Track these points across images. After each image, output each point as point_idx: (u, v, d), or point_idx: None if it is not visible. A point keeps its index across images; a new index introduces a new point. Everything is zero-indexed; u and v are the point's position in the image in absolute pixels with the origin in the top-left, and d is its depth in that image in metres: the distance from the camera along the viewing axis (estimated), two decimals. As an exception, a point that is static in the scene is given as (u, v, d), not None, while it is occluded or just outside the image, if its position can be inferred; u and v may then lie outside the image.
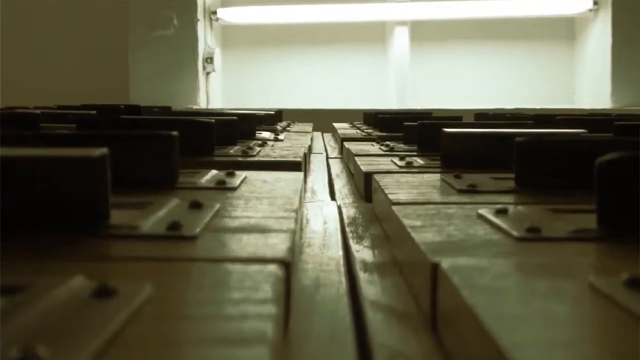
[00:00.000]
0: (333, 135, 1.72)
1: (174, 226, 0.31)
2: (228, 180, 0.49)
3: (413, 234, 0.32)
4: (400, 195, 0.45)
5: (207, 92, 2.77)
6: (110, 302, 0.19)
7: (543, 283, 0.23)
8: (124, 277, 0.23)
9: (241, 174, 0.52)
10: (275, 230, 0.32)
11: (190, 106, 2.62)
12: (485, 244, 0.30)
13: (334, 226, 0.47)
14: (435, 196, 0.45)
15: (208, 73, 2.75)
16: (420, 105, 2.60)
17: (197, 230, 0.31)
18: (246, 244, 0.29)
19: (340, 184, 0.75)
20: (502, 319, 0.19)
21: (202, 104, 2.71)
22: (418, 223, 0.35)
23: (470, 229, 0.33)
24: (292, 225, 0.34)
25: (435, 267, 0.26)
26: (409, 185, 0.50)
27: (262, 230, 0.32)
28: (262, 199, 0.42)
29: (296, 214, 0.37)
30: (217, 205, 0.37)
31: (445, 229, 0.33)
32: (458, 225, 0.34)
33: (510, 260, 0.27)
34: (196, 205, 0.36)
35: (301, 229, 0.45)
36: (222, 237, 0.30)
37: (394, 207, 0.40)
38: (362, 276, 0.34)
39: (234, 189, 0.46)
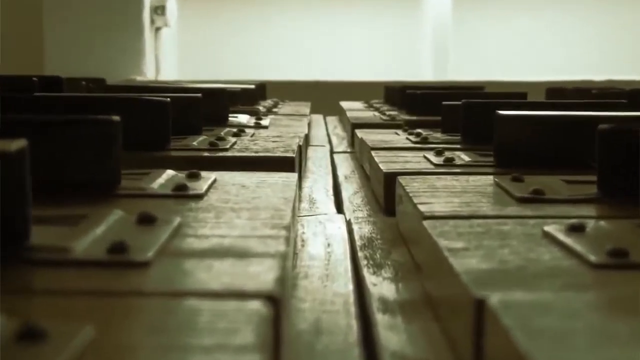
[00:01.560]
0: (340, 120, 1.74)
1: (118, 248, 0.32)
2: (191, 184, 0.51)
3: (452, 260, 0.34)
4: (436, 205, 0.47)
5: (156, 58, 2.78)
6: (39, 348, 0.21)
7: (627, 326, 0.24)
8: (55, 316, 0.25)
9: (209, 176, 0.54)
10: (258, 255, 0.34)
11: (132, 77, 2.63)
12: (551, 273, 0.32)
13: (341, 250, 0.49)
14: (485, 207, 0.47)
15: (158, 29, 2.75)
16: (466, 77, 2.61)
17: (150, 254, 0.32)
18: (218, 273, 0.31)
19: (351, 190, 0.76)
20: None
21: (149, 74, 2.72)
22: (459, 244, 0.36)
23: (531, 252, 0.35)
24: (281, 248, 0.35)
25: (480, 305, 0.28)
26: (447, 192, 0.51)
27: (240, 254, 0.34)
28: (240, 211, 0.43)
29: (287, 231, 0.39)
30: (177, 220, 0.39)
31: (497, 253, 0.35)
32: (515, 248, 0.36)
33: (585, 294, 0.29)
34: (147, 220, 0.38)
35: (295, 254, 0.47)
36: (185, 264, 0.32)
37: (426, 223, 0.42)
38: (380, 319, 0.36)
39: (200, 196, 0.48)
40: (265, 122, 1.11)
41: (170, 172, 0.54)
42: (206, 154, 0.69)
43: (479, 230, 0.40)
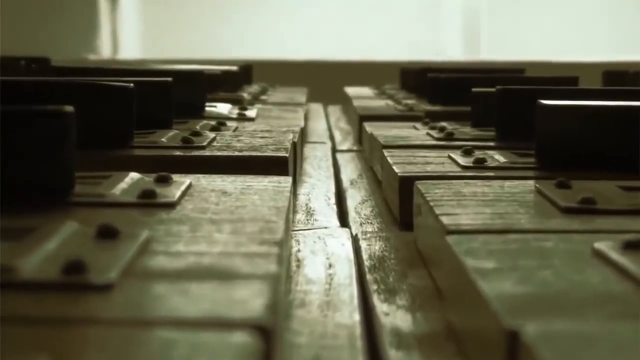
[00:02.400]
0: (345, 110, 1.74)
1: (74, 268, 0.33)
2: (160, 190, 0.52)
3: (480, 284, 0.35)
4: (462, 217, 0.48)
5: (113, 33, 2.78)
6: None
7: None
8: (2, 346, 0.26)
9: (182, 181, 0.55)
10: (244, 276, 0.35)
11: (84, 56, 2.64)
12: (600, 299, 0.32)
13: (346, 272, 0.50)
14: (523, 219, 0.48)
15: (116, -3, 2.75)
16: (503, 57, 2.62)
17: (112, 274, 0.33)
18: (196, 298, 0.32)
19: (358, 198, 0.77)
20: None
21: (105, 52, 2.73)
22: (490, 265, 0.37)
23: (578, 274, 0.36)
24: (272, 268, 0.36)
25: (514, 337, 0.29)
26: (477, 201, 0.53)
27: (223, 275, 0.35)
28: (221, 224, 0.45)
29: (280, 248, 0.40)
30: (144, 234, 0.40)
31: (535, 275, 0.36)
32: (558, 269, 0.37)
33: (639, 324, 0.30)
34: (108, 233, 0.39)
35: (289, 276, 0.48)
36: (155, 287, 0.33)
37: (450, 239, 0.43)
38: (394, 356, 0.37)
39: (172, 205, 0.49)
40: (251, 113, 1.12)
41: (134, 176, 0.55)
42: (178, 152, 0.70)
43: (515, 247, 0.41)
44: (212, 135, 0.79)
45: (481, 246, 0.41)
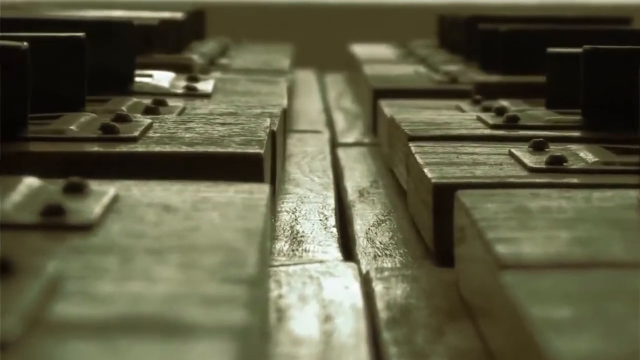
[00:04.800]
0: (351, 82, 1.73)
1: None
2: (72, 204, 0.53)
3: (552, 343, 0.35)
4: (526, 245, 0.49)
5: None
6: None
7: None
8: None
9: (104, 190, 0.56)
10: (198, 331, 0.36)
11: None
12: None
13: (351, 327, 0.51)
14: (616, 247, 0.49)
15: None
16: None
17: (11, 327, 0.34)
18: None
19: (370, 218, 0.78)
20: None
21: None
22: (564, 313, 0.38)
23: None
24: (239, 319, 0.37)
25: None
26: (549, 221, 0.54)
27: (168, 328, 0.36)
28: (164, 254, 0.46)
29: (251, 289, 0.41)
30: (51, 267, 0.41)
31: (628, 328, 0.37)
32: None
33: None
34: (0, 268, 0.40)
35: (266, 333, 0.49)
36: (72, 346, 0.34)
37: (507, 277, 0.44)
38: None
39: (89, 226, 0.50)
40: (205, 85, 1.14)
41: (31, 182, 0.56)
42: (96, 147, 0.71)
43: (602, 288, 0.42)
44: (146, 120, 0.80)
45: (553, 287, 0.42)
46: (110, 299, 0.39)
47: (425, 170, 0.69)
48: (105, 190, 0.56)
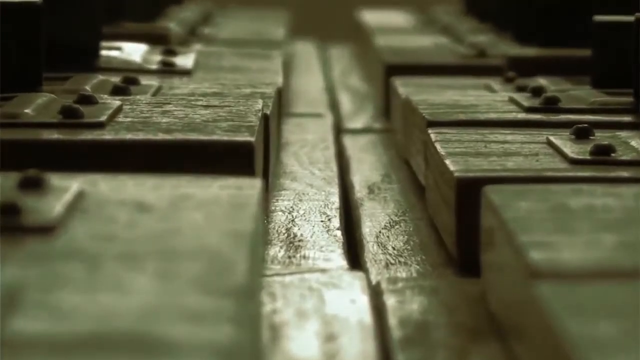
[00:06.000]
0: (359, 55, 1.73)
1: None
2: (29, 201, 0.53)
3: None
4: (565, 251, 0.50)
5: None
6: None
7: None
8: None
9: (66, 185, 0.57)
10: (179, 350, 0.37)
11: None
12: None
13: (358, 347, 0.51)
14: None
15: None
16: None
17: None
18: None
19: (382, 218, 0.79)
20: None
21: None
22: (608, 331, 0.39)
23: None
24: (227, 336, 0.38)
25: None
26: (593, 221, 0.54)
27: (145, 347, 0.37)
28: (139, 260, 0.47)
29: (241, 302, 0.42)
30: (8, 277, 0.42)
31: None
32: None
33: None
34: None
35: (259, 352, 0.49)
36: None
37: (542, 288, 0.44)
38: None
39: (50, 228, 0.51)
40: (184, 60, 1.14)
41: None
42: (56, 135, 0.72)
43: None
44: (115, 102, 0.81)
45: (596, 301, 0.43)
46: (75, 313, 0.40)
47: (447, 161, 0.69)
48: (67, 186, 0.57)
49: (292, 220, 0.78)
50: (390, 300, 0.59)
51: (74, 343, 0.37)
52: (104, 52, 1.09)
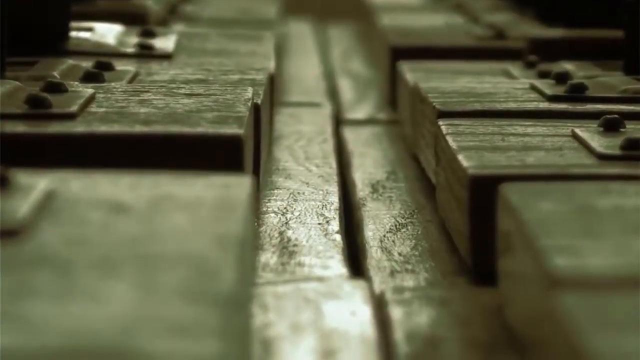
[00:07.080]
0: (362, 36, 1.75)
1: None
2: None
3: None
4: (591, 257, 0.51)
5: None
6: None
7: None
8: None
9: (33, 183, 0.59)
10: None
11: None
12: None
13: None
14: None
15: None
16: None
17: None
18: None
19: (387, 220, 0.81)
20: None
21: None
22: (638, 344, 0.41)
23: None
24: (211, 350, 0.40)
25: None
26: (624, 224, 0.56)
27: None
28: (117, 267, 0.48)
29: (228, 313, 0.43)
30: None
31: None
32: None
33: None
34: None
35: None
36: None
37: (566, 299, 0.46)
38: None
39: (15, 232, 0.52)
40: (164, 42, 1.16)
41: None
42: (22, 127, 0.74)
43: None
44: (87, 90, 0.82)
45: (624, 312, 0.44)
46: (45, 325, 0.41)
47: (460, 157, 0.71)
48: (35, 184, 0.58)
49: (286, 223, 0.79)
50: (395, 312, 0.61)
51: (45, 358, 0.39)
52: (73, 34, 1.11)
